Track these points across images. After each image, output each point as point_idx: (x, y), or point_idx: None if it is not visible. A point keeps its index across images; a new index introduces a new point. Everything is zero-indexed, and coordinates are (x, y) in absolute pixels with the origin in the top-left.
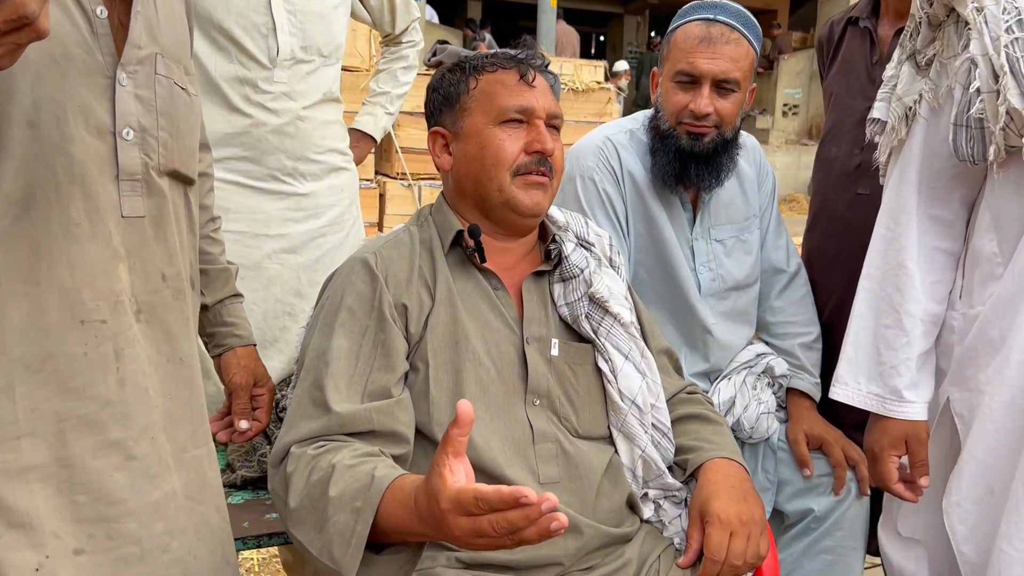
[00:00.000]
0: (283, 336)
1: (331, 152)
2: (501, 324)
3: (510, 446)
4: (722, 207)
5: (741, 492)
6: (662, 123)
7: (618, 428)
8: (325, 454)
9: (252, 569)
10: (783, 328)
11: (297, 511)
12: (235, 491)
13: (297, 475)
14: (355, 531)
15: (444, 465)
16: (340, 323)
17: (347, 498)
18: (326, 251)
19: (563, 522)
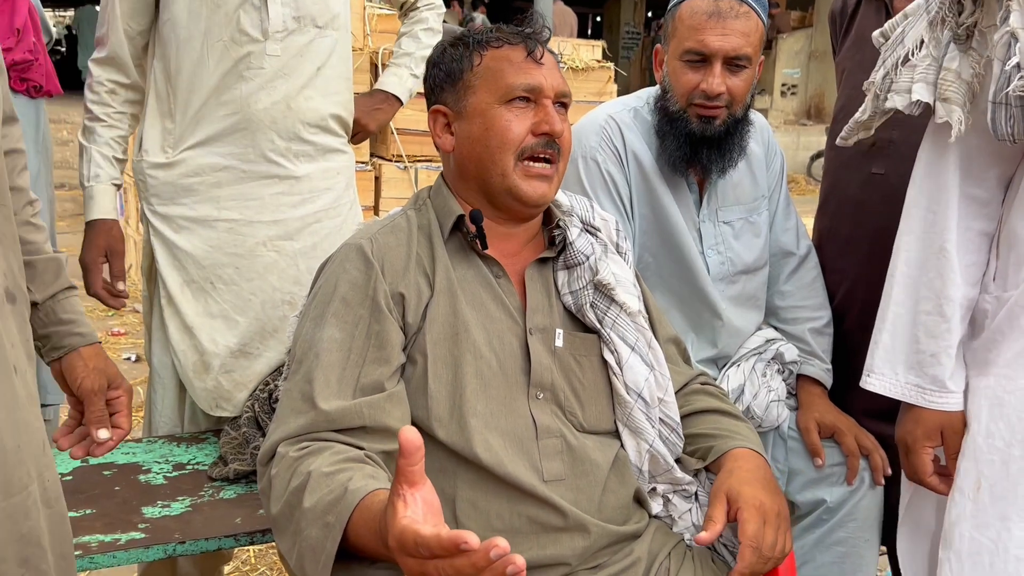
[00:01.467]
0: (283, 326)
1: (325, 132)
2: (503, 314)
3: (512, 442)
4: (730, 188)
5: (771, 484)
6: (671, 104)
7: (624, 422)
8: (306, 457)
9: (248, 561)
10: (793, 313)
11: (277, 519)
12: (227, 485)
13: (279, 480)
14: (325, 548)
15: (398, 495)
16: (333, 313)
17: (319, 511)
18: (323, 237)
19: (520, 566)
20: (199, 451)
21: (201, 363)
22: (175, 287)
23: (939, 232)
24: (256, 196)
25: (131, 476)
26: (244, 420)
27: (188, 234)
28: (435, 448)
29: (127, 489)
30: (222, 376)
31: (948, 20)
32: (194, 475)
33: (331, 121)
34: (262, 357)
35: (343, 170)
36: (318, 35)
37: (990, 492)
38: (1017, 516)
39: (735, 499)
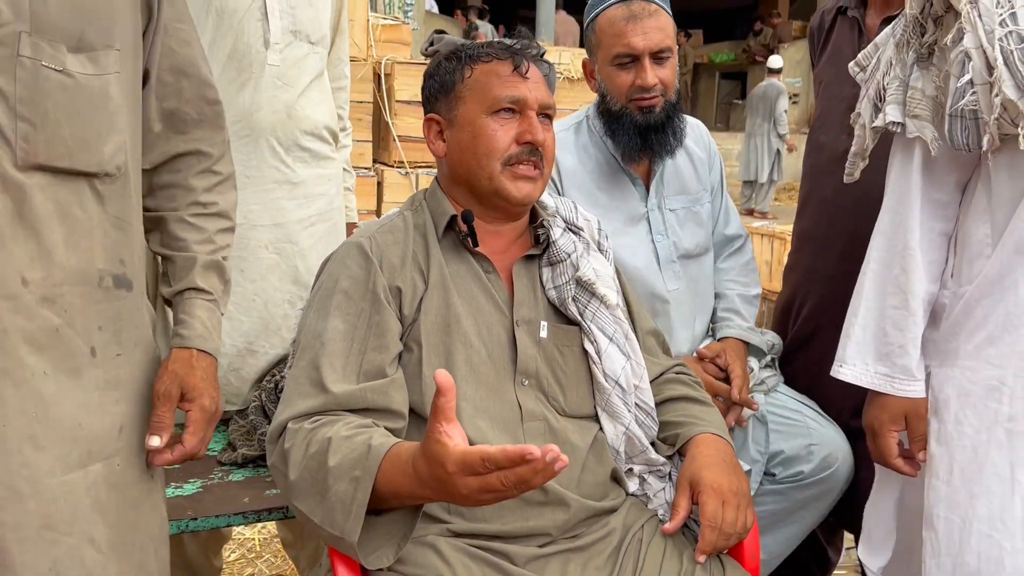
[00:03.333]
0: (285, 324)
1: (319, 140)
2: (492, 307)
3: (499, 425)
4: (674, 178)
5: (731, 465)
6: (612, 105)
7: (602, 407)
8: (321, 427)
9: (253, 549)
10: (726, 285)
11: (297, 483)
12: (236, 469)
13: (295, 449)
14: (355, 498)
15: (440, 432)
16: (336, 305)
17: (346, 467)
18: (319, 239)
19: (565, 461)
20: None
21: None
22: None
23: (904, 232)
24: (258, 201)
25: None
26: (251, 409)
27: None
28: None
29: None
30: (230, 374)
31: (912, 42)
32: (205, 460)
33: (324, 130)
34: (267, 355)
35: (334, 176)
36: (311, 51)
37: (961, 475)
38: (983, 495)
39: (696, 484)
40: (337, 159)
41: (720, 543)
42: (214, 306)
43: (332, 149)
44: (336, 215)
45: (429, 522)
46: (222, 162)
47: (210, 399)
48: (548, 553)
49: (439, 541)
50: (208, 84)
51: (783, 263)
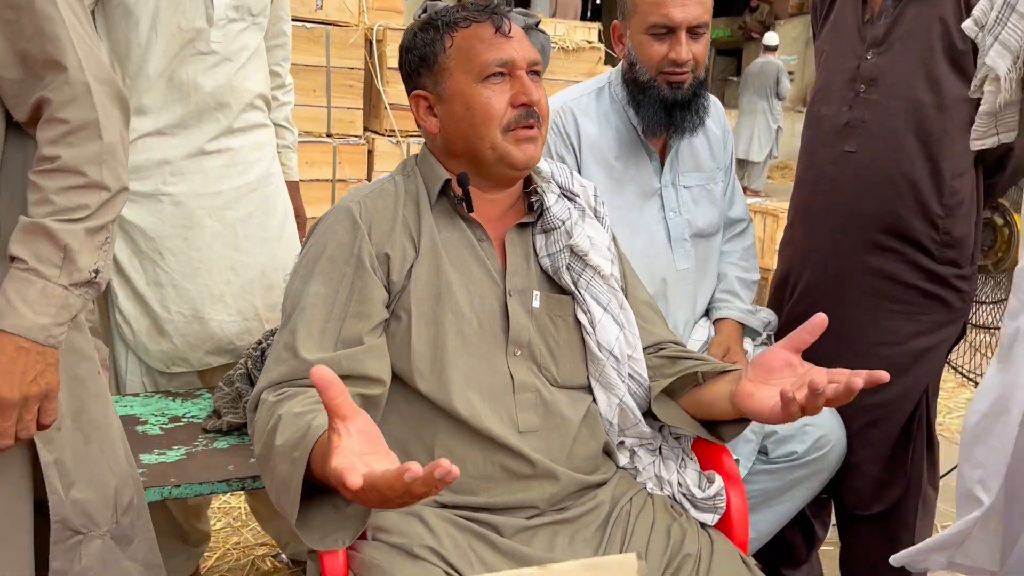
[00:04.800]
0: (229, 290)
1: (255, 109)
2: (484, 276)
3: (490, 396)
4: (690, 156)
5: None
6: (641, 75)
7: (596, 378)
8: (283, 401)
9: (239, 518)
10: (726, 268)
11: (258, 459)
12: (221, 436)
13: (259, 423)
14: (292, 479)
15: (333, 429)
16: (320, 270)
17: (287, 448)
18: (257, 205)
19: (455, 475)
20: (194, 405)
21: (155, 328)
22: (123, 258)
23: None
24: (200, 170)
25: (129, 427)
26: (237, 376)
27: (136, 207)
28: (416, 399)
29: (126, 438)
30: (177, 339)
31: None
32: (189, 427)
33: (258, 99)
34: (213, 321)
35: (268, 143)
36: (252, 23)
37: None
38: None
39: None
40: (270, 125)
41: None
42: (29, 276)
43: (265, 116)
44: (275, 180)
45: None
46: (71, 108)
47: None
48: (536, 525)
49: (424, 511)
50: (48, 18)
51: (776, 240)
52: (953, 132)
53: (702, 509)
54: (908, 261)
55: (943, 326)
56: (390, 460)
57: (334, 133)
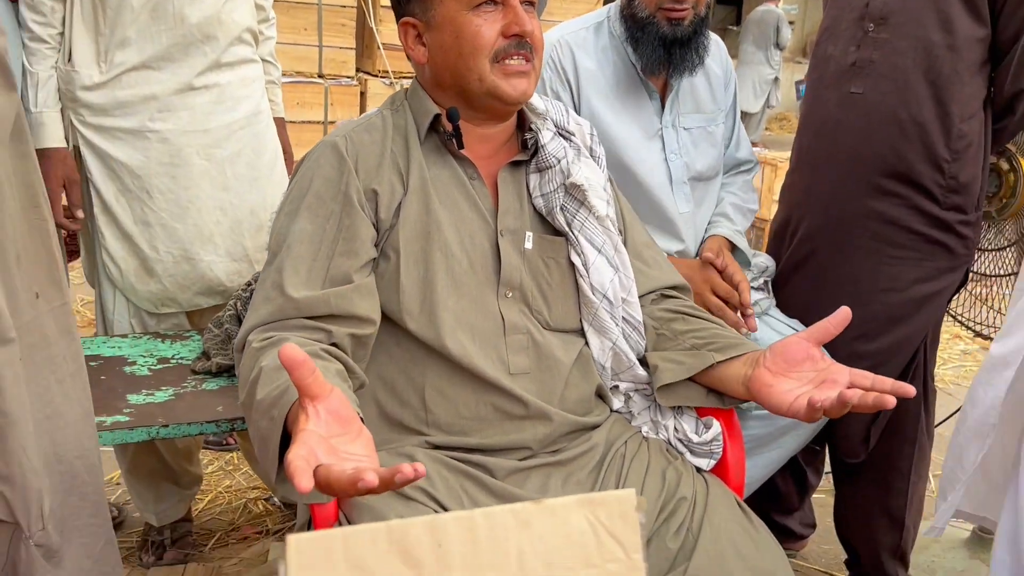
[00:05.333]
0: (218, 231)
1: (243, 43)
2: (475, 215)
3: (480, 337)
4: (690, 96)
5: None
6: (639, 11)
7: (589, 322)
8: (266, 349)
9: (231, 461)
10: (721, 196)
11: (242, 407)
12: (210, 377)
13: (243, 370)
14: (271, 438)
15: (302, 408)
16: (306, 207)
17: (266, 405)
18: (246, 144)
19: (421, 474)
20: (183, 347)
21: (143, 268)
22: (110, 197)
23: None
24: (187, 107)
25: (117, 368)
26: (226, 318)
27: (122, 144)
28: (406, 339)
29: (113, 379)
30: (166, 280)
31: None
32: (178, 368)
33: (246, 33)
34: (202, 261)
35: (256, 79)
36: None
37: None
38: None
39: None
40: (258, 61)
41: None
42: None
43: (253, 51)
44: (264, 118)
45: (407, 434)
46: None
47: None
48: (529, 467)
49: (417, 452)
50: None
51: (774, 191)
52: (963, 73)
53: (698, 454)
54: (912, 206)
55: (945, 273)
56: (361, 441)
57: (326, 74)
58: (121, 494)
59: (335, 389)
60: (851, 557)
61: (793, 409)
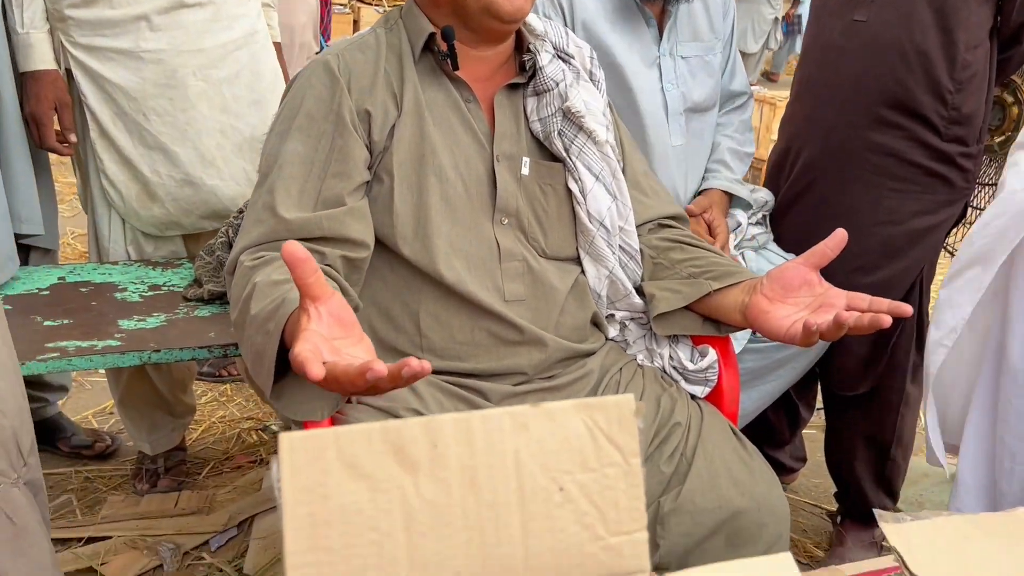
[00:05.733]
0: (220, 154)
1: None
2: (471, 139)
3: (475, 263)
4: (687, 25)
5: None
6: None
7: (586, 250)
8: (259, 267)
9: (225, 393)
10: (718, 139)
11: (234, 325)
12: (202, 305)
13: (236, 288)
14: (266, 353)
15: (303, 309)
16: (297, 127)
17: (261, 319)
18: (243, 65)
19: (427, 370)
20: (174, 274)
21: (145, 193)
22: (106, 120)
23: None
24: (180, 25)
25: (107, 294)
26: (218, 245)
27: (115, 66)
28: (400, 265)
29: (104, 304)
30: (169, 204)
31: None
32: (169, 296)
33: None
34: (204, 186)
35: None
36: None
37: None
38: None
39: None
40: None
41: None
42: None
43: None
44: (261, 39)
45: (400, 359)
46: None
47: None
48: (523, 392)
49: None
50: None
51: (772, 130)
52: (970, 0)
53: (693, 382)
54: (913, 138)
55: (944, 207)
56: (363, 346)
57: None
58: (114, 423)
59: (336, 293)
60: (840, 489)
61: (790, 334)
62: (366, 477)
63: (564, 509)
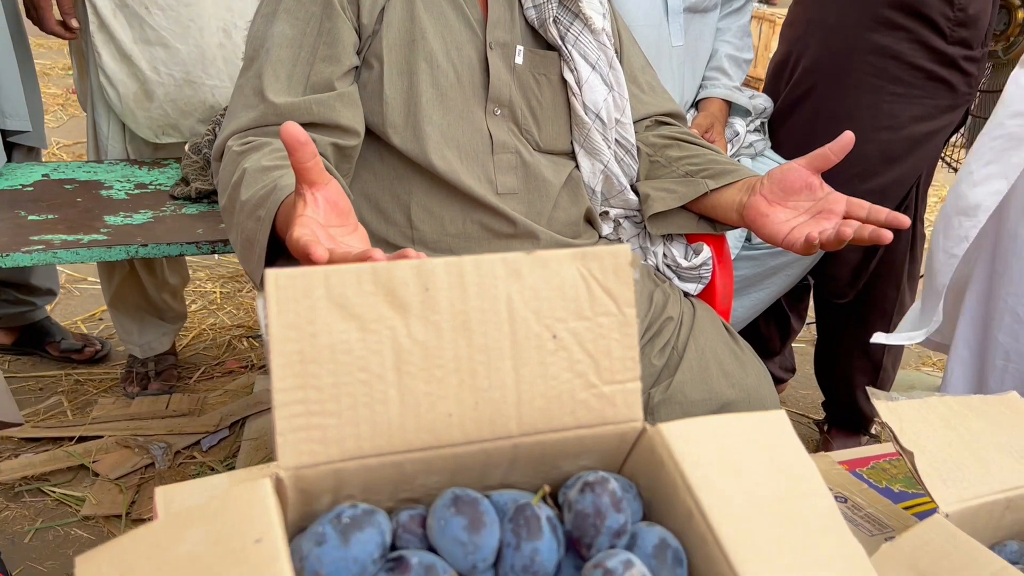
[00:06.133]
0: (221, 54)
1: None
2: (463, 25)
3: (467, 154)
4: None
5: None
6: None
7: (580, 143)
8: (248, 152)
9: (215, 301)
10: (717, 45)
11: (223, 211)
12: (190, 203)
13: (224, 173)
14: (257, 240)
15: (299, 195)
16: (284, 9)
17: (252, 205)
18: None
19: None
20: (161, 174)
21: (143, 92)
22: (107, 11)
23: None
24: None
25: (93, 191)
26: (205, 143)
27: None
28: (390, 154)
29: (89, 201)
30: (167, 104)
31: None
32: (156, 194)
33: None
34: (204, 85)
35: None
36: None
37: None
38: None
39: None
40: None
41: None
42: None
43: None
44: None
45: (391, 250)
46: None
47: None
48: None
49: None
50: None
51: (771, 48)
52: None
53: (686, 279)
54: (917, 40)
55: (945, 112)
56: (358, 235)
57: None
58: (103, 329)
59: (333, 180)
60: (828, 398)
61: (788, 240)
62: (355, 317)
63: (557, 356)
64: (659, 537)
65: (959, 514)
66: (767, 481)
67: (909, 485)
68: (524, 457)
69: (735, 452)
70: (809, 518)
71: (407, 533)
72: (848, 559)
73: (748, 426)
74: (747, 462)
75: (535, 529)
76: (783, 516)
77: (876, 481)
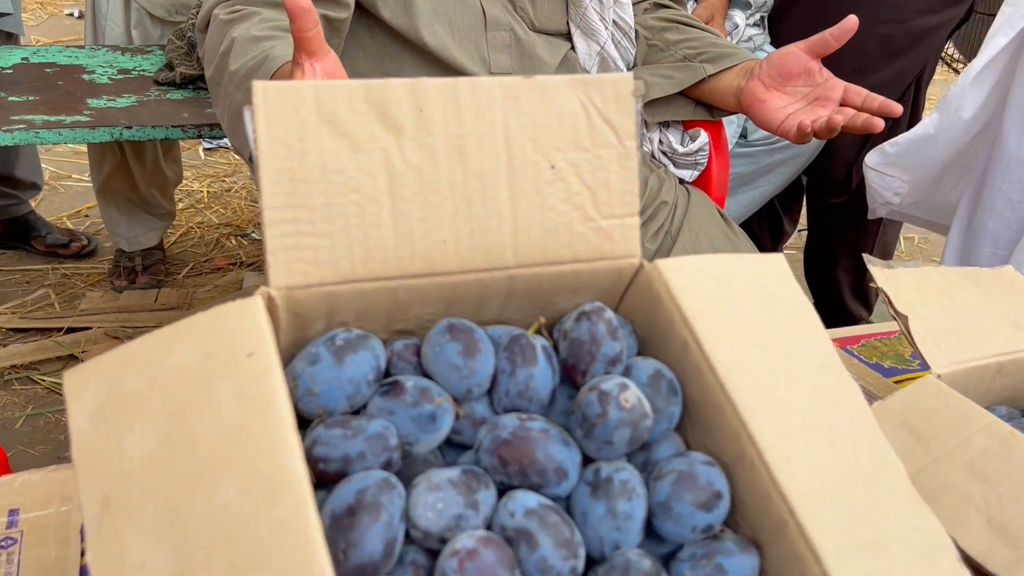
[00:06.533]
0: None
1: None
2: None
3: (460, 31)
4: None
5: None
6: None
7: (577, 23)
8: (235, 22)
9: (202, 200)
10: None
11: (210, 82)
12: (174, 88)
13: (211, 43)
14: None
15: (297, 64)
16: None
17: (242, 75)
18: None
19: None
20: (144, 60)
21: None
22: None
23: None
24: None
25: (74, 75)
26: (189, 26)
27: None
28: (380, 31)
29: (71, 84)
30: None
31: None
32: (140, 79)
33: None
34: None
35: None
36: None
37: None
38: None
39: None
40: None
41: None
42: None
43: None
44: None
45: None
46: None
47: None
48: None
49: None
50: None
51: None
52: None
53: (681, 165)
54: None
55: (949, 5)
56: None
57: None
58: (89, 226)
59: (331, 52)
60: (816, 299)
61: (783, 128)
62: (347, 136)
63: (554, 187)
64: (654, 368)
65: (950, 376)
66: (765, 318)
67: (899, 362)
68: (520, 290)
69: (733, 289)
70: (806, 355)
71: (401, 361)
72: (844, 394)
73: (747, 266)
74: (745, 299)
75: (530, 356)
76: (780, 351)
77: (867, 357)
